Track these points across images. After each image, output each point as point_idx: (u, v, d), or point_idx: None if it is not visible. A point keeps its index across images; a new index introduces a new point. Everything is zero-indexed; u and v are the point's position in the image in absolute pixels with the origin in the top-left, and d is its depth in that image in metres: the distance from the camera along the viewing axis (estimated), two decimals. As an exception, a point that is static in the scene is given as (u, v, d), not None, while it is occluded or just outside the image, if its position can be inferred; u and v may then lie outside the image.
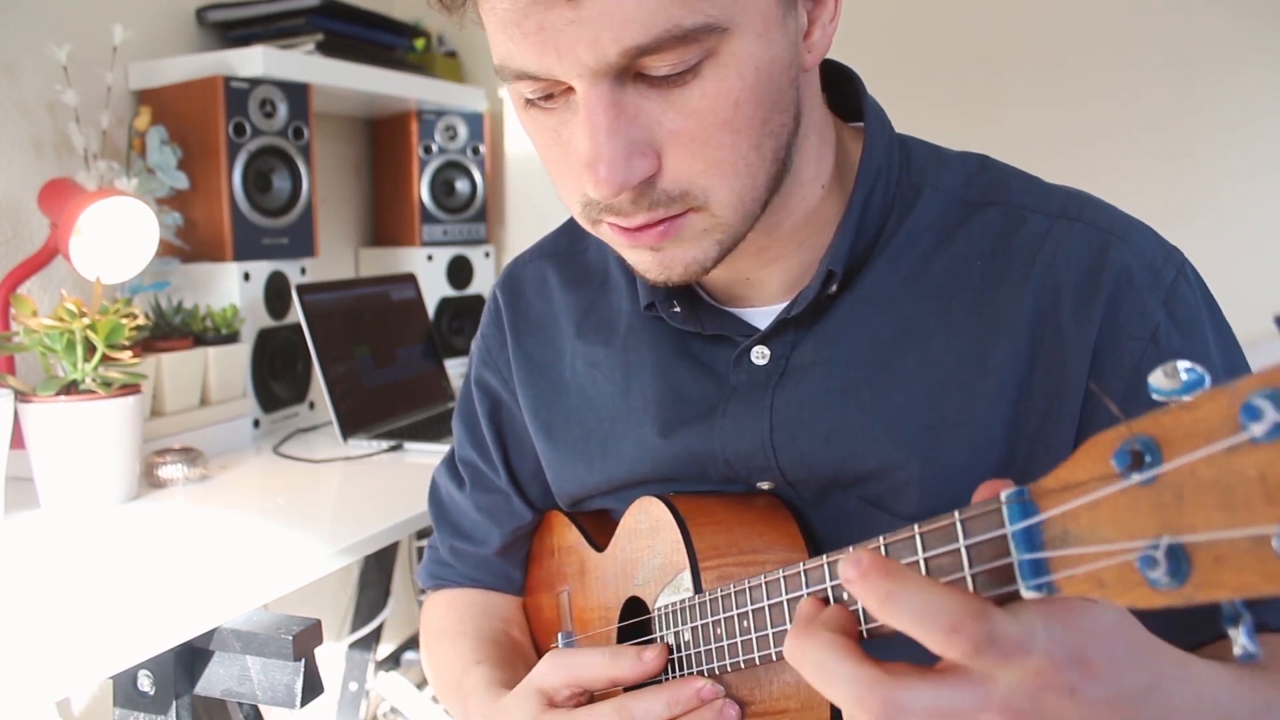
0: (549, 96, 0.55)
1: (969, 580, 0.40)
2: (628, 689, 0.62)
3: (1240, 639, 0.32)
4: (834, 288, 0.64)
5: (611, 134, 0.52)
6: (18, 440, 1.07)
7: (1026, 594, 0.38)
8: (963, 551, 0.41)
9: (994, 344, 0.61)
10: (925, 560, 0.42)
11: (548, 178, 0.61)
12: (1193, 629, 0.59)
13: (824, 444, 0.65)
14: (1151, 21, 1.60)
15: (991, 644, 0.37)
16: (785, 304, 0.66)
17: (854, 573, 0.40)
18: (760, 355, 0.67)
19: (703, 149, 0.54)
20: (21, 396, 1.07)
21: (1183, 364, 0.33)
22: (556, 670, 0.63)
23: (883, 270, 0.65)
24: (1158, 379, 0.33)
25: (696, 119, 0.53)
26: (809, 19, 0.58)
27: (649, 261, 0.60)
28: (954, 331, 0.63)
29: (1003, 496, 0.39)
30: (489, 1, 0.52)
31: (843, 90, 0.69)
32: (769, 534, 0.65)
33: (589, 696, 0.64)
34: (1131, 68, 1.62)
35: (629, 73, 0.52)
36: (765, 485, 0.68)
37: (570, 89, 0.53)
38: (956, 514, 0.41)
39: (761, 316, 0.69)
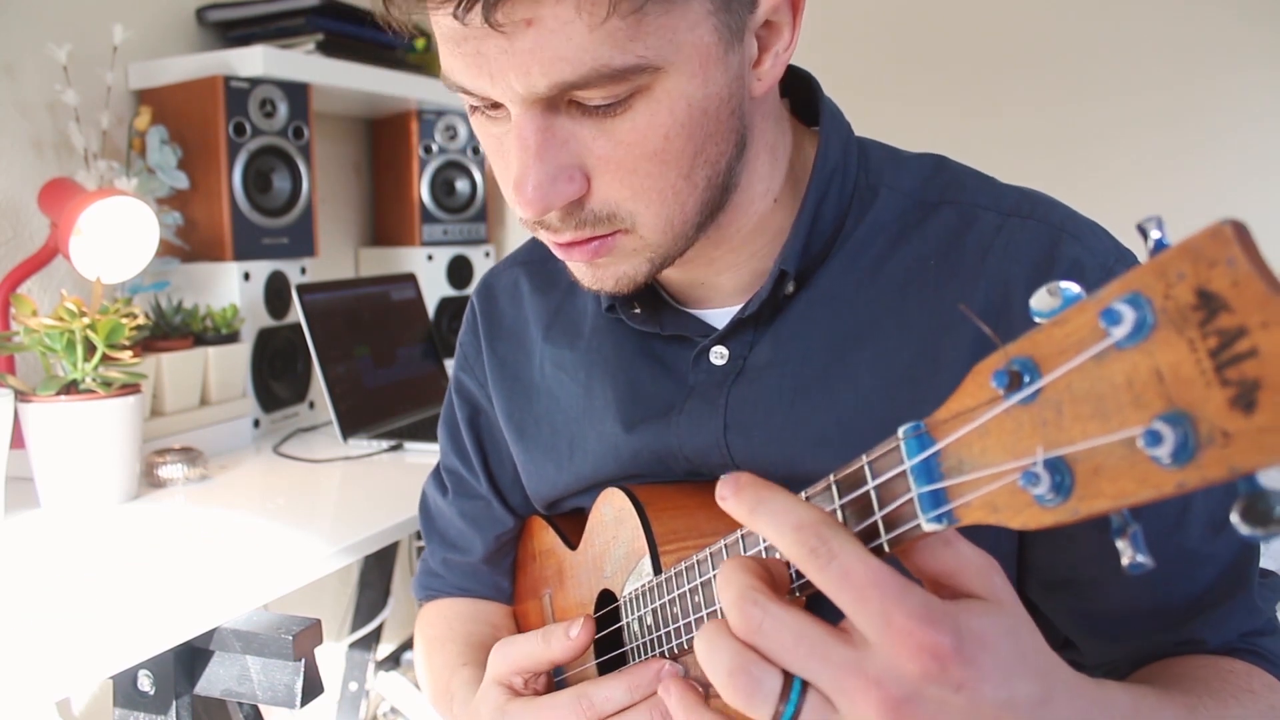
0: (494, 106, 0.56)
1: (879, 523, 0.40)
2: (603, 670, 0.62)
3: (1128, 549, 0.32)
4: (790, 288, 0.65)
5: (540, 158, 0.54)
6: (18, 440, 1.07)
7: (926, 526, 0.38)
8: (872, 494, 0.41)
9: (945, 340, 0.62)
10: (841, 507, 0.42)
11: None
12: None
13: (777, 443, 0.65)
14: (1151, 21, 1.60)
15: (832, 557, 0.37)
16: (742, 305, 0.66)
17: (729, 490, 0.42)
18: (719, 355, 0.68)
19: (630, 177, 0.55)
20: (21, 396, 1.07)
21: (1063, 283, 0.33)
22: (501, 660, 0.64)
23: (839, 270, 0.65)
24: (1039, 299, 0.33)
25: (625, 149, 0.54)
26: (761, 47, 0.58)
27: (582, 271, 0.62)
28: (907, 329, 0.63)
29: (900, 432, 0.39)
30: (435, 15, 0.52)
31: (802, 95, 0.69)
32: (730, 518, 0.65)
33: (548, 680, 0.65)
34: (1131, 67, 1.62)
35: (562, 99, 0.53)
36: None
37: None
38: (864, 456, 0.41)
39: (720, 317, 0.69)
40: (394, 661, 1.91)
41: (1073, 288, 0.33)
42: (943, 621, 0.36)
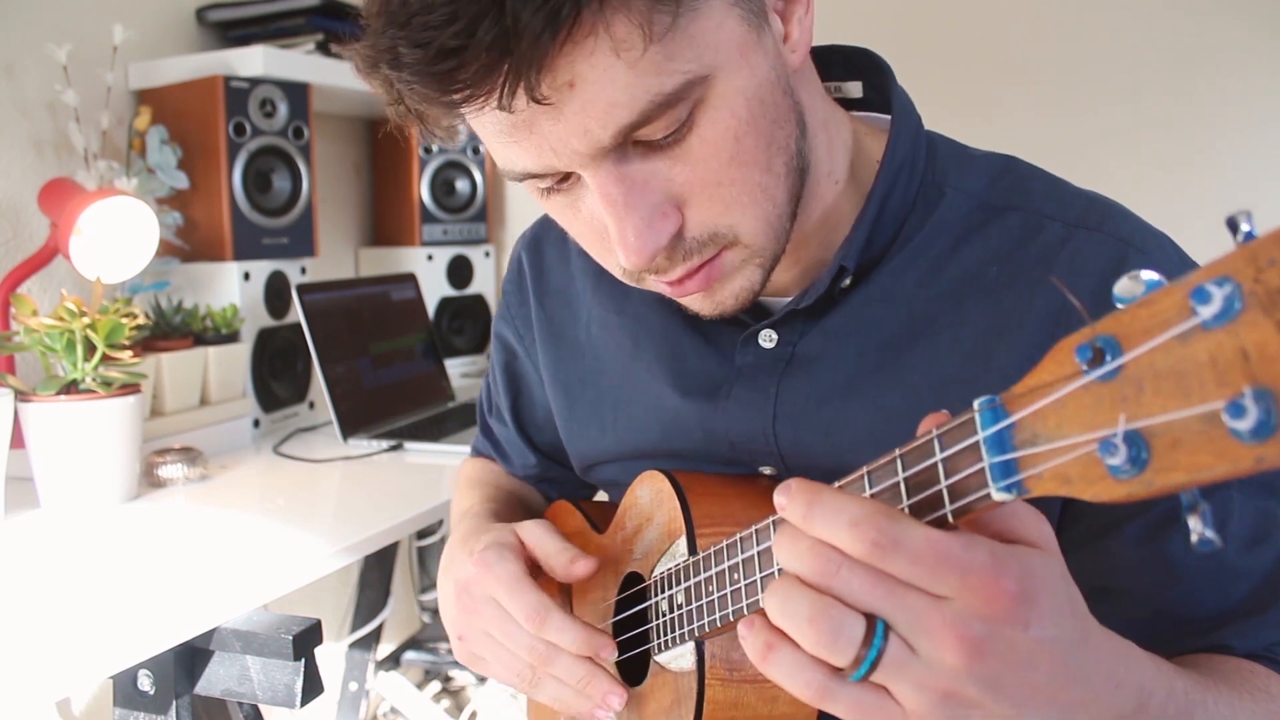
0: (564, 179, 0.56)
1: (944, 493, 0.40)
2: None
3: (1198, 526, 0.33)
4: (846, 282, 0.64)
5: (629, 208, 0.53)
6: (18, 440, 1.07)
7: (997, 495, 0.38)
8: (939, 465, 0.41)
9: (1000, 343, 0.61)
10: (905, 480, 0.42)
11: None
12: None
13: (825, 436, 0.65)
14: (1154, 27, 1.60)
15: (896, 545, 0.38)
16: (798, 295, 0.66)
17: (785, 499, 0.42)
18: (768, 339, 0.68)
19: (717, 191, 0.55)
20: (21, 396, 1.07)
21: (1145, 272, 0.34)
22: (532, 535, 0.68)
23: (898, 269, 0.65)
24: (1123, 286, 0.34)
25: (704, 165, 0.54)
26: (783, 19, 0.57)
27: (699, 301, 0.61)
28: (962, 331, 0.63)
29: (976, 405, 0.39)
30: (477, 121, 0.53)
31: (873, 81, 0.69)
32: (766, 509, 0.65)
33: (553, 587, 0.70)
34: (1133, 73, 1.62)
35: (627, 143, 0.52)
36: (768, 470, 0.69)
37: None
38: (935, 429, 0.41)
39: (772, 302, 0.69)
40: (394, 661, 1.91)
41: (1155, 276, 0.33)
42: (1010, 565, 0.38)
